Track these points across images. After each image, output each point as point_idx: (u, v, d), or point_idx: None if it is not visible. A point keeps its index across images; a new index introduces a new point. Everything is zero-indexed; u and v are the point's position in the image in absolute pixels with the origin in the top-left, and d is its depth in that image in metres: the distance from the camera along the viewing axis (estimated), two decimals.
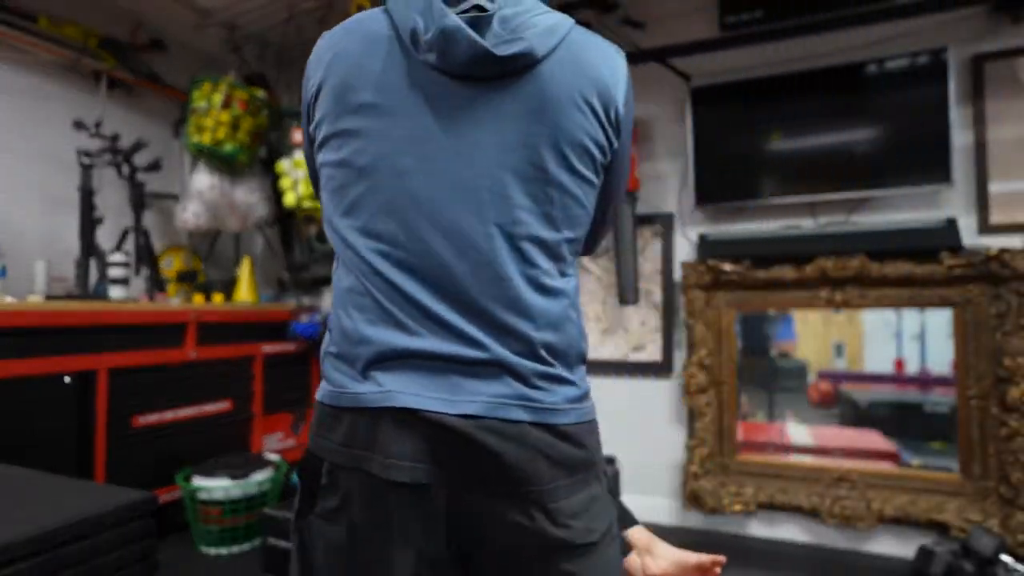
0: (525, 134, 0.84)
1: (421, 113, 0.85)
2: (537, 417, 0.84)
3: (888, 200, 2.60)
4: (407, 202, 0.84)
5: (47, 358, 2.25)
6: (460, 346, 0.83)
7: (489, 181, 0.84)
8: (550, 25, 0.86)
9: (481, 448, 0.81)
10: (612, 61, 0.90)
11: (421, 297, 0.84)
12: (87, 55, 2.93)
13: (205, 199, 3.21)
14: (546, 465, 0.84)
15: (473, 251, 0.84)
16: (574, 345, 0.93)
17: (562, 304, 0.90)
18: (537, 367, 0.86)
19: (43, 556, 1.17)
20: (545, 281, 0.87)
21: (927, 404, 2.52)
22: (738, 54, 2.82)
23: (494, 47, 0.81)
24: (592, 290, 3.15)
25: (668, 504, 2.92)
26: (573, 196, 0.87)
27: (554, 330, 0.88)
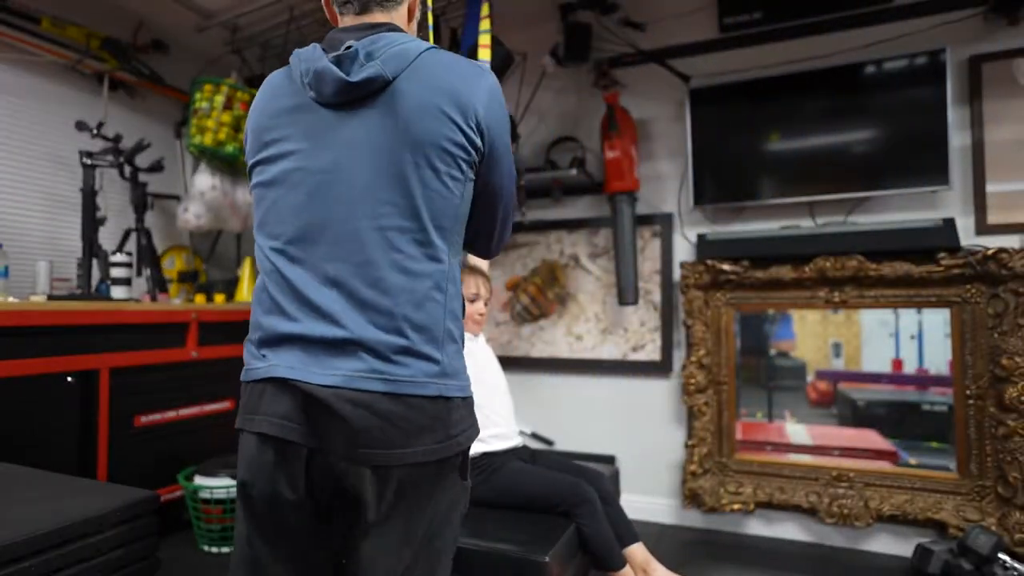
0: (387, 142, 1.01)
1: (309, 138, 1.05)
2: (389, 388, 0.98)
3: (886, 200, 2.61)
4: (299, 208, 1.04)
5: (49, 358, 2.26)
6: (328, 327, 0.99)
7: (360, 183, 1.01)
8: (400, 51, 1.04)
9: (337, 414, 0.96)
10: (468, 77, 1.06)
11: (304, 287, 1.02)
12: (89, 56, 2.94)
13: (206, 200, 3.23)
14: (395, 432, 0.98)
15: (347, 242, 1.01)
16: (439, 323, 1.04)
17: (425, 285, 1.02)
18: (396, 342, 1.00)
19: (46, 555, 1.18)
20: (408, 264, 1.01)
21: (925, 403, 2.53)
22: (737, 55, 2.83)
23: (349, 76, 1.02)
24: (592, 290, 3.16)
25: (667, 503, 2.93)
26: (435, 190, 1.02)
27: (416, 308, 1.01)
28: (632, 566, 1.70)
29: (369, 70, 1.01)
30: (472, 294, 1.83)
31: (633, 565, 1.71)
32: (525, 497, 1.69)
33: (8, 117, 2.78)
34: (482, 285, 1.85)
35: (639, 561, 1.74)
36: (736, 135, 2.78)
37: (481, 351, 1.83)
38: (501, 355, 3.26)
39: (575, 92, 3.17)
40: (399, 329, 1.00)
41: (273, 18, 3.23)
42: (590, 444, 3.09)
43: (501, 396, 1.82)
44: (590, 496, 1.65)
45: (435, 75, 1.04)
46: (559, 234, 3.24)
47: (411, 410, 0.99)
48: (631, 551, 1.74)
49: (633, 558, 1.73)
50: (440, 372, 1.03)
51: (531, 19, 3.13)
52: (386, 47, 1.04)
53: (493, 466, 1.73)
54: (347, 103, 1.04)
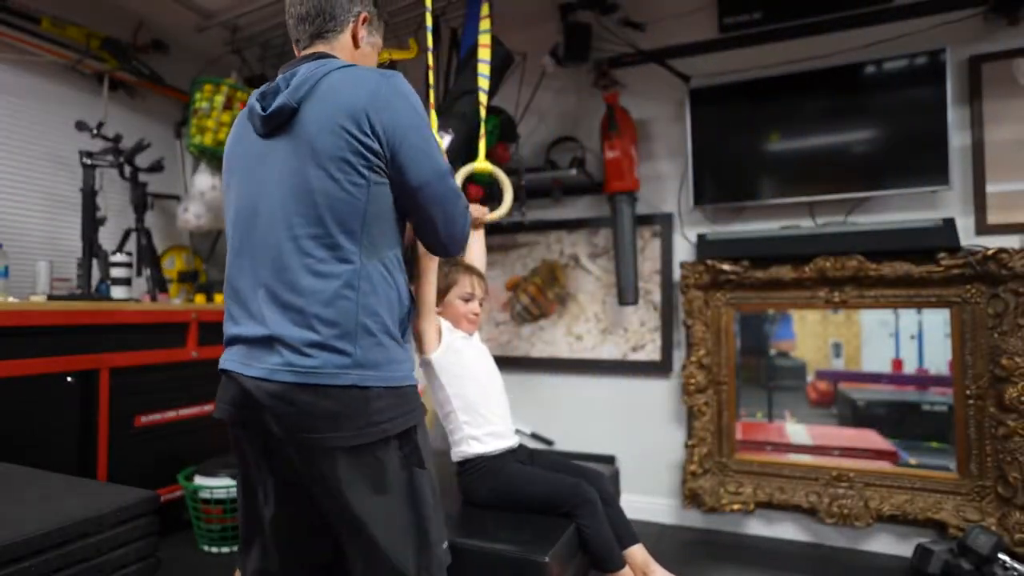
0: (297, 163, 1.15)
1: (247, 168, 1.24)
2: (300, 379, 1.11)
3: (886, 200, 2.61)
4: (242, 228, 1.22)
5: (49, 358, 2.26)
6: (256, 327, 1.16)
7: (279, 202, 1.17)
8: (304, 78, 1.17)
9: (259, 402, 1.14)
10: (362, 88, 1.15)
11: (246, 294, 1.20)
12: (89, 56, 2.94)
13: (207, 200, 3.23)
14: (309, 419, 1.12)
15: (270, 252, 1.17)
16: (350, 319, 1.14)
17: (335, 284, 1.14)
18: (308, 336, 1.12)
19: (46, 555, 1.18)
20: (318, 267, 1.14)
21: (925, 403, 2.53)
22: (737, 55, 2.83)
23: (265, 109, 1.19)
24: (592, 290, 3.16)
25: (667, 503, 2.93)
26: (338, 198, 1.14)
27: (325, 305, 1.13)
28: (632, 567, 1.70)
29: (278, 100, 1.17)
30: (467, 293, 1.82)
31: (633, 567, 1.71)
32: (526, 500, 1.69)
33: (8, 117, 2.78)
34: (477, 284, 1.85)
35: (639, 563, 1.74)
36: (736, 135, 2.78)
37: (473, 350, 1.82)
38: (501, 355, 3.27)
39: (575, 92, 3.18)
40: (310, 325, 1.12)
41: (273, 18, 3.23)
42: (590, 444, 3.09)
43: (495, 395, 1.81)
44: (591, 496, 1.65)
45: (332, 94, 1.15)
46: (559, 234, 3.24)
47: (324, 399, 1.11)
48: (631, 552, 1.74)
49: (633, 559, 1.73)
50: (353, 364, 1.13)
51: (531, 19, 3.14)
52: (296, 76, 1.19)
53: (492, 469, 1.72)
54: (270, 133, 1.20)
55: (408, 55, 2.89)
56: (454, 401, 1.73)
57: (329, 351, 1.12)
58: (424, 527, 1.21)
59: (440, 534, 1.25)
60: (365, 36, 1.34)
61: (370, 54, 1.37)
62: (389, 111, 1.15)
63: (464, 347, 1.79)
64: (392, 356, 1.19)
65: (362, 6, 1.33)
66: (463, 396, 1.74)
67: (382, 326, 1.18)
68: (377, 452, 1.16)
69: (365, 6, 1.34)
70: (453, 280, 1.82)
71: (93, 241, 2.67)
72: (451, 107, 2.52)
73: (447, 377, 1.73)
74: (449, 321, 1.80)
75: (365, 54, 1.35)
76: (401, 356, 1.22)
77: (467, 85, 2.41)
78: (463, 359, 1.76)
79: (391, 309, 1.20)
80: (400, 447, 1.19)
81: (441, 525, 1.27)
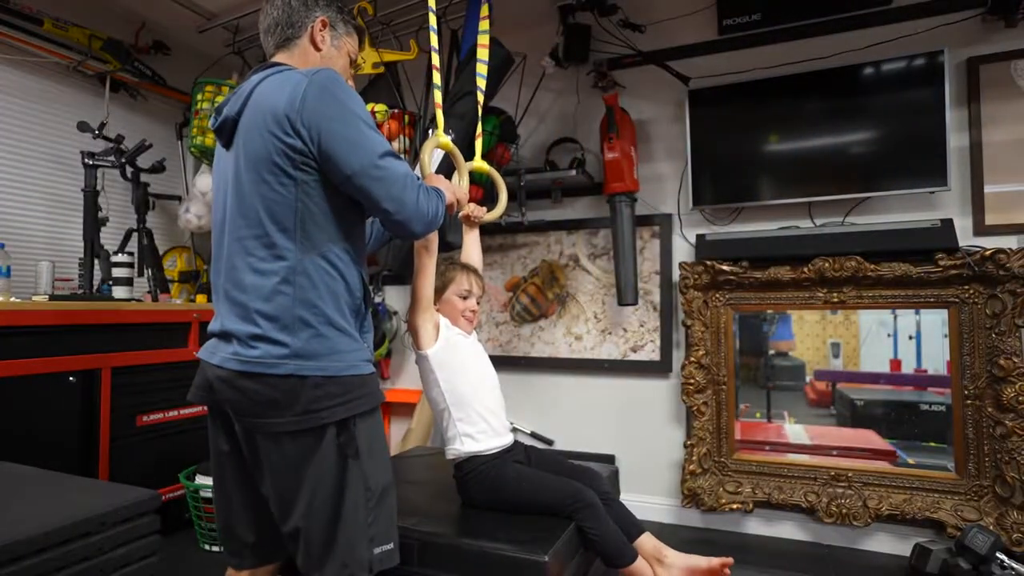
0: (239, 170, 1.26)
1: (219, 179, 1.38)
2: (243, 367, 1.21)
3: (885, 201, 2.62)
4: (215, 235, 1.37)
5: (51, 358, 2.28)
6: (217, 322, 1.30)
7: (230, 208, 1.28)
8: (241, 91, 1.28)
9: (216, 387, 1.27)
10: (287, 87, 1.22)
11: (216, 294, 1.33)
12: (91, 58, 2.96)
13: (208, 200, 3.24)
14: (250, 404, 1.22)
15: (225, 254, 1.29)
16: (288, 312, 1.22)
17: (272, 281, 1.23)
18: (250, 330, 1.22)
19: (48, 553, 1.19)
20: (258, 265, 1.23)
21: (923, 403, 2.53)
22: (736, 56, 2.84)
23: (213, 124, 1.34)
24: (591, 290, 3.17)
25: (666, 502, 2.94)
26: (271, 199, 1.23)
27: (264, 300, 1.22)
28: (644, 557, 1.71)
29: (223, 114, 1.30)
30: (464, 290, 1.83)
31: (645, 556, 1.72)
32: (525, 505, 1.69)
33: (11, 118, 2.80)
34: (474, 283, 1.85)
35: (650, 551, 1.74)
36: (735, 136, 2.79)
37: (469, 347, 1.83)
38: (501, 355, 3.28)
39: (575, 93, 3.18)
40: (253, 319, 1.22)
41: None
42: (589, 444, 3.10)
43: (490, 393, 1.82)
44: (591, 500, 1.65)
45: (261, 101, 1.24)
46: (559, 234, 3.25)
47: (265, 387, 1.20)
48: (640, 542, 1.74)
49: (644, 549, 1.73)
50: (292, 354, 1.21)
51: (531, 20, 3.14)
52: (239, 88, 1.30)
53: (488, 472, 1.72)
54: (225, 144, 1.33)
55: (408, 56, 2.90)
56: (448, 397, 1.74)
57: (269, 343, 1.21)
58: (341, 522, 1.23)
59: (368, 532, 1.26)
60: (328, 39, 1.41)
61: (335, 56, 1.43)
62: (309, 108, 1.20)
63: (461, 343, 1.79)
64: (335, 346, 1.25)
65: (321, 11, 1.40)
66: (457, 392, 1.74)
67: (323, 318, 1.24)
68: (313, 439, 1.22)
69: (325, 10, 1.41)
70: (450, 277, 1.83)
71: (95, 241, 2.69)
72: (451, 108, 2.53)
73: (443, 372, 1.74)
74: (447, 318, 1.81)
75: (330, 57, 1.41)
76: (346, 346, 1.27)
77: (467, 86, 2.42)
78: (459, 355, 1.77)
79: (335, 300, 1.27)
80: (337, 435, 1.24)
81: (380, 523, 1.28)
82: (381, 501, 1.29)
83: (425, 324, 1.72)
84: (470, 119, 2.31)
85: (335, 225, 1.27)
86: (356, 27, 1.50)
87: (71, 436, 2.36)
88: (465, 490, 1.75)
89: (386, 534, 1.30)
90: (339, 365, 1.24)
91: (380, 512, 1.29)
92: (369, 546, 1.26)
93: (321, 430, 1.22)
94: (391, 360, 3.62)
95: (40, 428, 2.25)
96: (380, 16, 3.06)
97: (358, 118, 1.24)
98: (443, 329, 1.76)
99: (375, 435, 1.31)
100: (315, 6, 1.40)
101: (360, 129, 1.23)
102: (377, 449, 1.31)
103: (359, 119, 1.24)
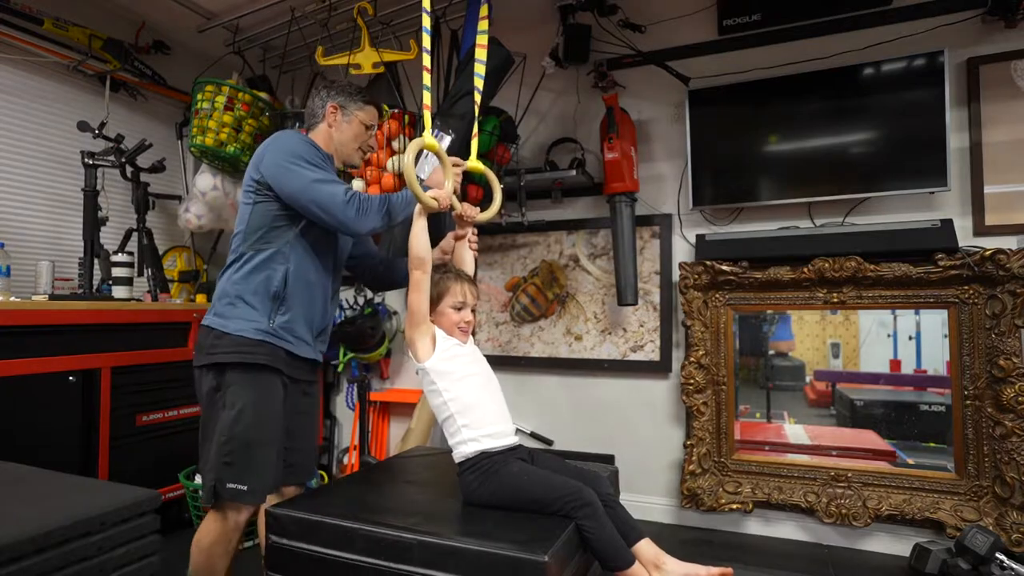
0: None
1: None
2: (204, 322, 1.80)
3: (885, 202, 2.62)
4: None
5: (51, 357, 2.28)
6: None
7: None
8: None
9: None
10: (263, 147, 1.81)
11: None
12: (91, 57, 2.96)
13: (208, 200, 3.24)
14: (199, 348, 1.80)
15: None
16: (223, 289, 1.79)
17: (226, 270, 1.82)
18: (213, 303, 1.81)
19: (48, 553, 1.19)
20: (227, 259, 1.83)
21: (923, 404, 2.53)
22: (736, 57, 2.84)
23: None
24: (591, 290, 3.17)
25: (666, 502, 2.94)
26: (240, 215, 1.83)
27: (220, 281, 1.81)
28: (642, 563, 1.70)
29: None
30: (459, 302, 1.81)
31: (643, 562, 1.71)
32: (525, 499, 1.69)
33: (11, 117, 2.80)
34: (468, 292, 1.84)
35: (649, 557, 1.73)
36: (735, 136, 2.79)
37: (467, 354, 1.83)
38: (501, 355, 3.28)
39: (575, 93, 3.18)
40: (216, 293, 1.82)
41: (274, 19, 3.25)
42: (589, 444, 3.10)
43: (493, 396, 1.82)
44: (591, 499, 1.65)
45: (255, 154, 1.83)
46: (559, 235, 3.25)
47: (200, 332, 1.80)
48: (639, 548, 1.73)
49: (642, 555, 1.72)
50: (214, 314, 1.78)
51: (531, 21, 3.15)
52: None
53: (493, 468, 1.72)
54: None
55: (408, 56, 2.91)
56: (452, 405, 1.74)
57: (212, 307, 1.81)
58: (208, 444, 1.74)
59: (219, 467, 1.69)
60: (340, 119, 1.93)
61: (346, 128, 1.93)
62: (266, 155, 1.78)
63: (459, 352, 1.79)
64: (239, 314, 1.74)
65: (331, 100, 1.92)
66: (461, 400, 1.74)
67: (239, 295, 1.76)
68: (207, 375, 1.75)
69: (334, 99, 1.92)
70: (444, 288, 1.82)
71: (95, 241, 2.69)
72: (451, 108, 2.53)
73: (444, 382, 1.74)
74: (443, 330, 1.80)
75: (341, 130, 1.93)
76: (249, 316, 1.74)
77: (467, 86, 2.43)
78: (458, 363, 1.77)
79: (257, 286, 1.76)
80: (214, 376, 1.74)
81: (237, 466, 1.70)
82: (245, 448, 1.70)
83: (422, 337, 1.73)
84: (470, 119, 2.31)
85: (277, 235, 1.79)
86: (368, 101, 1.95)
87: (71, 435, 2.36)
88: (468, 487, 1.75)
89: (244, 476, 1.69)
90: (233, 326, 1.73)
91: (241, 456, 1.70)
92: (218, 477, 1.68)
93: (210, 368, 1.74)
94: (391, 360, 3.62)
95: (40, 427, 2.25)
96: (380, 16, 3.06)
97: (295, 158, 1.74)
98: (440, 340, 1.76)
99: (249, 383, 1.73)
100: (328, 97, 1.92)
101: (293, 166, 1.73)
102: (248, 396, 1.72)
103: (295, 159, 1.74)
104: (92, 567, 1.27)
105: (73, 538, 1.24)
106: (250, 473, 1.70)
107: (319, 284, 1.88)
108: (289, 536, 1.63)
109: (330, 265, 1.93)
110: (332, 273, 1.95)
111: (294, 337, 1.80)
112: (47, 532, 1.19)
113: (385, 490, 1.86)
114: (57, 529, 1.20)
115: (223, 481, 1.68)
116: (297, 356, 1.83)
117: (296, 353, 1.82)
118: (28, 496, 1.39)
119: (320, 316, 1.90)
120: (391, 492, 1.84)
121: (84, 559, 1.26)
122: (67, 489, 1.45)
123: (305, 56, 3.41)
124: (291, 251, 1.79)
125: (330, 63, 2.95)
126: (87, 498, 1.37)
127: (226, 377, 1.72)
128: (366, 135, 1.97)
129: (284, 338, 1.78)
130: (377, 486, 1.91)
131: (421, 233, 1.72)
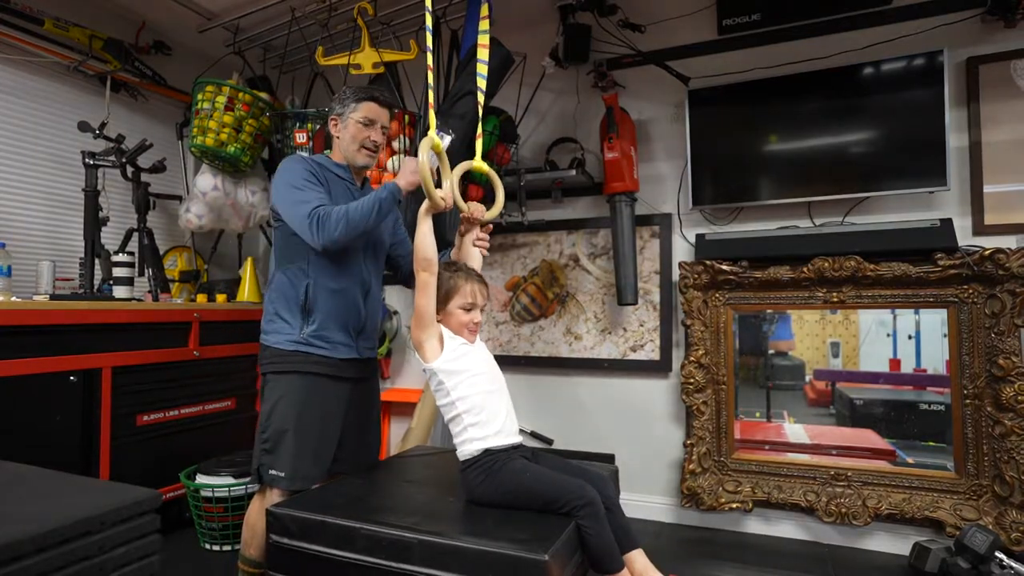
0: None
1: None
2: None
3: (884, 201, 2.62)
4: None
5: (52, 357, 2.28)
6: None
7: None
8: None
9: None
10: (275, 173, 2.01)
11: None
12: (92, 57, 2.96)
13: (208, 200, 3.24)
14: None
15: None
16: (266, 311, 2.01)
17: (267, 289, 2.05)
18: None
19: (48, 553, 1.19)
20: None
21: (922, 403, 2.54)
22: (736, 56, 2.84)
23: None
24: (591, 290, 3.17)
25: (666, 502, 2.94)
26: (272, 236, 2.18)
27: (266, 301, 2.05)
28: (631, 572, 1.70)
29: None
30: (468, 303, 1.81)
31: (632, 572, 1.71)
32: (528, 495, 1.69)
33: (11, 117, 2.80)
34: (478, 292, 1.83)
35: (638, 568, 1.73)
36: (735, 136, 2.79)
37: (475, 353, 1.82)
38: (501, 354, 3.28)
39: (575, 93, 3.19)
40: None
41: (275, 19, 3.25)
42: (589, 443, 3.11)
43: (500, 395, 1.82)
44: (593, 498, 1.65)
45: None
46: (559, 234, 3.25)
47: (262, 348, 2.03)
48: (630, 557, 1.73)
49: (632, 565, 1.73)
50: (263, 331, 2.00)
51: (531, 20, 3.15)
52: None
53: (495, 464, 1.73)
54: None
55: (408, 56, 2.91)
56: (459, 405, 1.73)
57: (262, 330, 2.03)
58: (263, 434, 1.93)
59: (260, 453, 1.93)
60: (339, 126, 2.03)
61: (344, 132, 2.02)
62: (273, 184, 1.98)
63: (467, 351, 1.79)
64: (277, 329, 1.96)
65: (332, 114, 2.04)
66: (468, 399, 1.74)
67: (276, 312, 1.97)
68: (265, 380, 1.98)
69: (333, 111, 2.03)
70: (453, 287, 1.80)
71: (95, 241, 2.69)
72: (452, 108, 2.53)
73: (452, 382, 1.73)
74: (451, 331, 1.80)
75: (342, 136, 2.02)
76: (284, 330, 1.94)
77: (467, 86, 2.43)
78: (467, 363, 1.76)
79: (287, 301, 1.96)
80: (266, 381, 1.98)
81: (276, 453, 1.90)
82: (278, 438, 1.90)
83: (429, 339, 1.72)
84: (470, 119, 2.31)
85: (297, 252, 1.95)
86: (361, 98, 1.99)
87: (72, 435, 2.36)
88: (470, 484, 1.75)
89: (279, 464, 1.89)
90: (272, 340, 1.96)
91: (276, 446, 1.90)
92: (260, 461, 1.91)
93: (264, 375, 1.99)
94: (391, 360, 3.63)
95: (41, 427, 2.25)
96: (380, 16, 3.06)
97: (288, 186, 1.89)
98: (447, 340, 1.76)
99: (288, 392, 1.92)
100: (329, 113, 2.05)
101: (287, 193, 1.88)
102: (280, 403, 1.93)
103: (288, 187, 1.88)
104: (92, 567, 1.27)
105: (73, 538, 1.24)
106: (286, 459, 1.89)
107: (347, 289, 1.98)
108: (290, 535, 1.63)
109: (358, 269, 2.01)
110: (363, 276, 2.04)
111: (327, 343, 1.95)
112: (47, 532, 1.19)
113: (386, 489, 1.87)
114: (57, 529, 1.21)
115: (265, 467, 1.90)
116: (335, 358, 1.98)
117: (334, 356, 1.97)
118: (28, 496, 1.39)
119: (355, 316, 2.01)
120: (392, 491, 1.85)
121: (84, 559, 1.26)
122: (67, 489, 1.45)
123: (305, 56, 3.41)
124: (310, 266, 1.94)
125: (330, 63, 2.95)
126: (87, 498, 1.37)
127: (266, 381, 1.98)
128: (365, 132, 1.99)
129: (317, 345, 1.94)
130: (378, 485, 1.91)
131: (427, 234, 1.72)
